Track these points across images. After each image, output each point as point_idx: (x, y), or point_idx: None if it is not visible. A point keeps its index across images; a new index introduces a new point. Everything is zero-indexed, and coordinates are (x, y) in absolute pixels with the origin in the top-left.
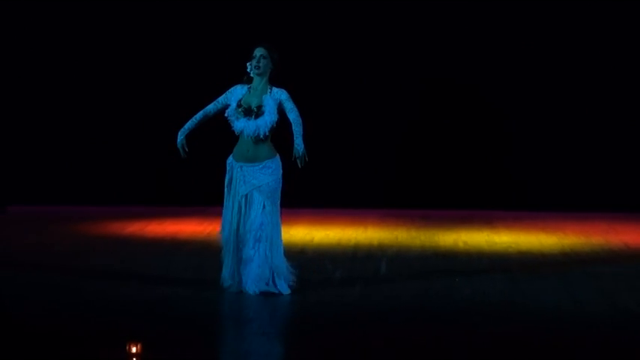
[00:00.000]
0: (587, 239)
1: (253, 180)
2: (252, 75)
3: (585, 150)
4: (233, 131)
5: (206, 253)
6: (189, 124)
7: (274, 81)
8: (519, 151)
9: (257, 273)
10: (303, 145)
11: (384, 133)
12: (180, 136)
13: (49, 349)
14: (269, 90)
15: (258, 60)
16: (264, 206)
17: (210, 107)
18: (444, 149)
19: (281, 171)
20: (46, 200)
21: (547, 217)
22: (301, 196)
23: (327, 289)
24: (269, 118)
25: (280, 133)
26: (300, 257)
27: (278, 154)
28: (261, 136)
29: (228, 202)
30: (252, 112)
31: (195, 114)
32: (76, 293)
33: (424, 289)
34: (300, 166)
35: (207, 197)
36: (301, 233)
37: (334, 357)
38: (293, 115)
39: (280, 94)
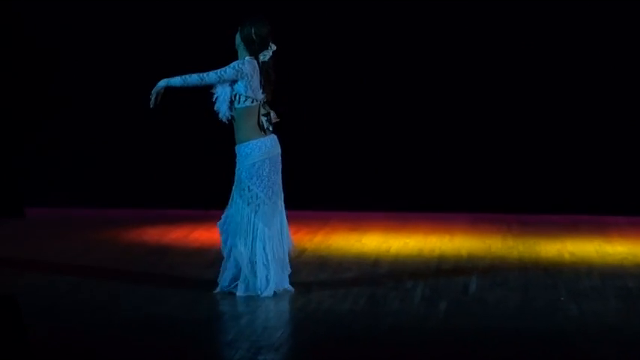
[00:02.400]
0: None
1: None
2: None
3: None
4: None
5: None
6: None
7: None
8: (635, 148)
9: (222, 269)
10: (164, 85)
11: (475, 126)
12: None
13: None
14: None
15: None
16: (232, 197)
17: None
18: (547, 145)
19: (248, 159)
20: (72, 202)
21: None
22: (376, 199)
23: (405, 310)
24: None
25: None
26: (374, 271)
27: (250, 140)
28: (220, 117)
29: None
30: None
31: None
32: (109, 311)
33: (522, 308)
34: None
35: None
36: (375, 242)
37: None
38: (206, 73)
39: (235, 63)
